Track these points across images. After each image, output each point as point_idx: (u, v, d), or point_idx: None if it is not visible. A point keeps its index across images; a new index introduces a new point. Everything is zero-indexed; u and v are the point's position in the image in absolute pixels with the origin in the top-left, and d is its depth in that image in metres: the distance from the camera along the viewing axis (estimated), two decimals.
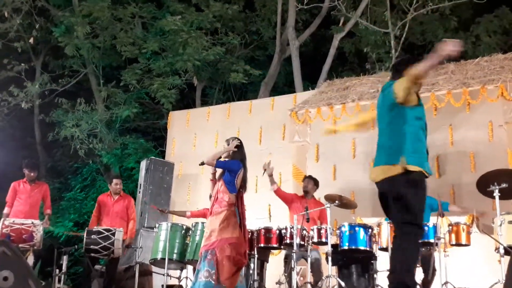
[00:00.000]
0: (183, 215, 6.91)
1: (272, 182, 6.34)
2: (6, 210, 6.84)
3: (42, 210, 7.33)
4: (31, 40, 12.14)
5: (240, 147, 4.98)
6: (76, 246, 6.65)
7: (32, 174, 6.99)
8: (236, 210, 4.78)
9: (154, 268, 6.63)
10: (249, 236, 5.74)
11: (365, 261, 5.56)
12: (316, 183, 6.62)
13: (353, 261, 5.60)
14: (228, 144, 4.98)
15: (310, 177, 6.75)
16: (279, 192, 6.46)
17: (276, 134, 8.67)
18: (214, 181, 4.99)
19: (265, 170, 6.07)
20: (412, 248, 3.54)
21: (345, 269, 5.66)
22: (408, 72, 3.57)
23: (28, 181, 7.00)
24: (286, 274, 5.92)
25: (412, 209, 3.52)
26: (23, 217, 6.63)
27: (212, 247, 4.60)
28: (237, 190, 4.82)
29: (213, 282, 4.50)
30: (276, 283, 6.02)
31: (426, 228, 5.42)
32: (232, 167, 4.84)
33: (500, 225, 5.23)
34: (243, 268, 5.62)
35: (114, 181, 6.93)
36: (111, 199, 6.85)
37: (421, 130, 3.70)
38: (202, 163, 4.87)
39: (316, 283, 5.69)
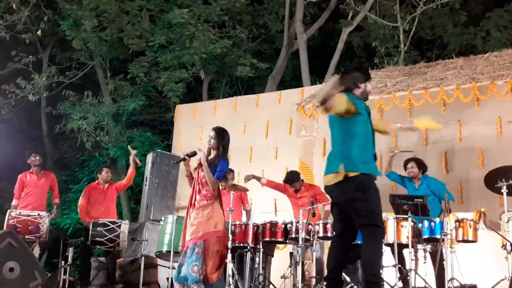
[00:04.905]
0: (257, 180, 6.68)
1: (258, 179, 6.58)
2: (14, 202, 6.90)
3: (49, 201, 7.36)
4: (39, 32, 12.16)
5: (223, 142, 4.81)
6: (81, 238, 6.67)
7: (37, 158, 7.01)
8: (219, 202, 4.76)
9: (159, 261, 6.63)
10: (254, 230, 5.77)
11: None
12: (294, 178, 6.58)
13: (358, 256, 5.55)
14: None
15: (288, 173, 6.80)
16: (270, 184, 6.66)
17: (282, 129, 8.63)
18: (190, 176, 4.89)
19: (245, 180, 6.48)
20: (378, 248, 3.80)
21: (350, 264, 5.63)
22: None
23: (34, 170, 7.02)
24: (291, 268, 5.92)
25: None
26: (31, 207, 6.67)
27: (199, 240, 4.56)
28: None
29: (200, 277, 4.46)
30: (281, 277, 6.01)
31: (432, 224, 5.38)
32: (226, 169, 4.83)
33: (508, 221, 5.19)
34: (249, 263, 5.64)
35: (105, 169, 7.08)
36: (101, 187, 6.96)
37: (366, 136, 3.87)
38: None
39: (321, 277, 5.67)
